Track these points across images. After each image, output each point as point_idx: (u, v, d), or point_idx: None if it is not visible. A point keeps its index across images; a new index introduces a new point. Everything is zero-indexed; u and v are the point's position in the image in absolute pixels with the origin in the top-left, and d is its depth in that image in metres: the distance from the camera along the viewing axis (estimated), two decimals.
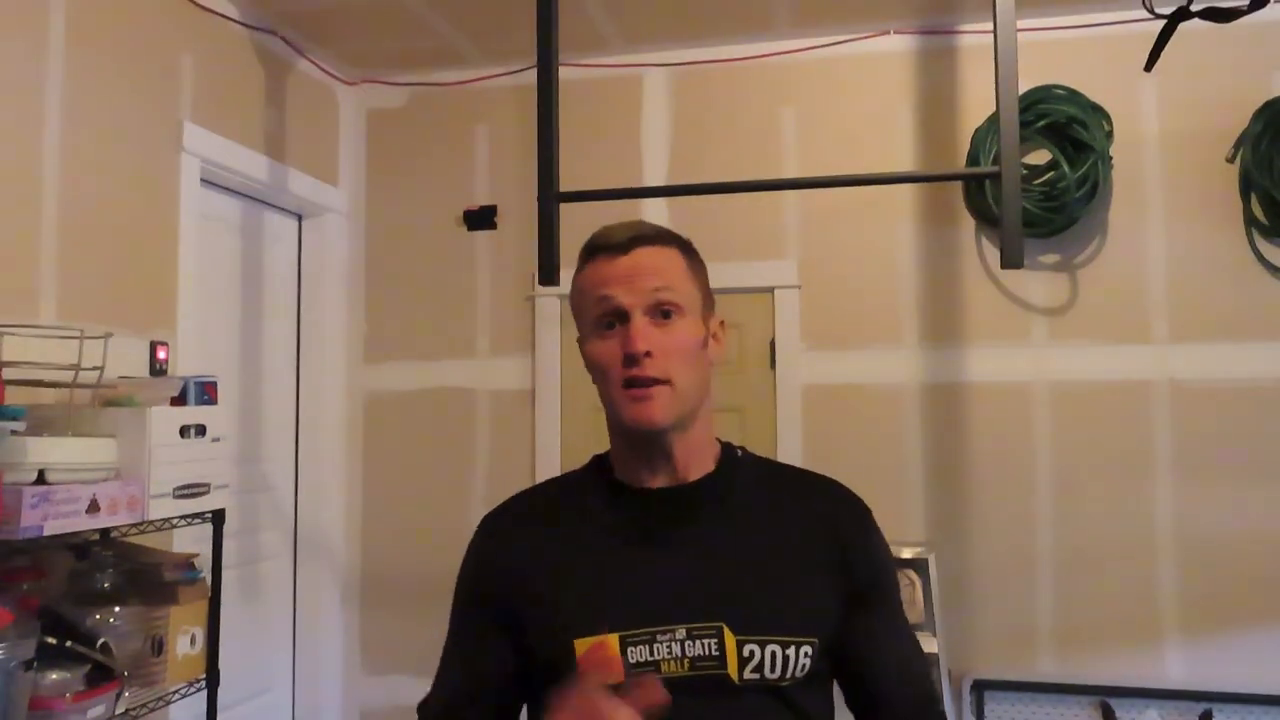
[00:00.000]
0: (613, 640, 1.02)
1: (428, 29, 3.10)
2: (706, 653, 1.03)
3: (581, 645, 1.02)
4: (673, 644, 1.03)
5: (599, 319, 1.17)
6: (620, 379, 1.11)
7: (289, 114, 3.14)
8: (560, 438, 3.28)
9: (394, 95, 3.51)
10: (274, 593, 3.21)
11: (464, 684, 1.14)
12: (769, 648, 1.03)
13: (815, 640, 1.06)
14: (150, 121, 2.53)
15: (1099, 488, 2.88)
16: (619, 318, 1.14)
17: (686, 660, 1.03)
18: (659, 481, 1.13)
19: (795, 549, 1.12)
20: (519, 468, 3.29)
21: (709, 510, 1.12)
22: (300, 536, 3.31)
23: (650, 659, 1.02)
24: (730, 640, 1.03)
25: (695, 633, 1.03)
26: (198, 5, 2.72)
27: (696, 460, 1.14)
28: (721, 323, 1.23)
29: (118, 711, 1.86)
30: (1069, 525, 2.89)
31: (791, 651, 1.04)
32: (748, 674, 1.03)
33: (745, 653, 1.03)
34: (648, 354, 1.08)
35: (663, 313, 1.13)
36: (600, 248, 1.20)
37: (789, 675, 1.04)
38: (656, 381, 1.08)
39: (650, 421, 1.08)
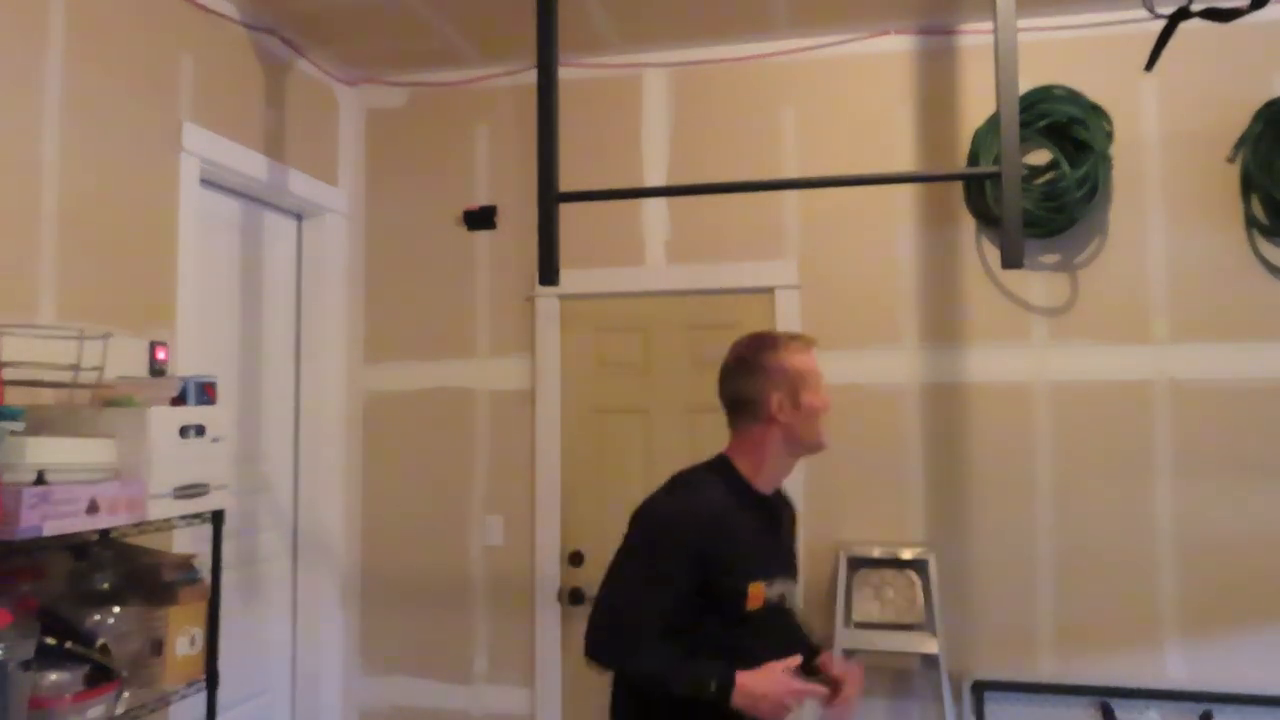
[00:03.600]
0: (762, 583, 1.75)
1: (428, 29, 3.10)
2: (787, 590, 1.85)
3: (750, 585, 1.73)
4: (777, 585, 1.81)
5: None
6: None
7: (289, 114, 3.14)
8: (560, 438, 3.28)
9: (394, 95, 3.51)
10: (274, 593, 3.21)
11: (659, 604, 1.73)
12: (797, 585, 1.93)
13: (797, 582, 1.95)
14: (150, 121, 2.53)
15: (1099, 488, 2.88)
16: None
17: (780, 594, 1.82)
18: (768, 490, 1.86)
19: (785, 525, 1.94)
20: (519, 468, 3.30)
21: (779, 509, 1.92)
22: (300, 536, 3.31)
23: (775, 591, 1.79)
24: (789, 581, 1.87)
25: (783, 579, 1.84)
26: (198, 5, 2.72)
27: None
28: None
29: (117, 712, 1.86)
30: (1069, 525, 2.89)
31: (796, 585, 1.92)
32: (790, 603, 1.87)
33: (793, 588, 1.87)
34: None
35: None
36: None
37: (789, 599, 1.88)
38: None
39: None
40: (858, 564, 2.88)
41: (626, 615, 1.75)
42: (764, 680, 1.64)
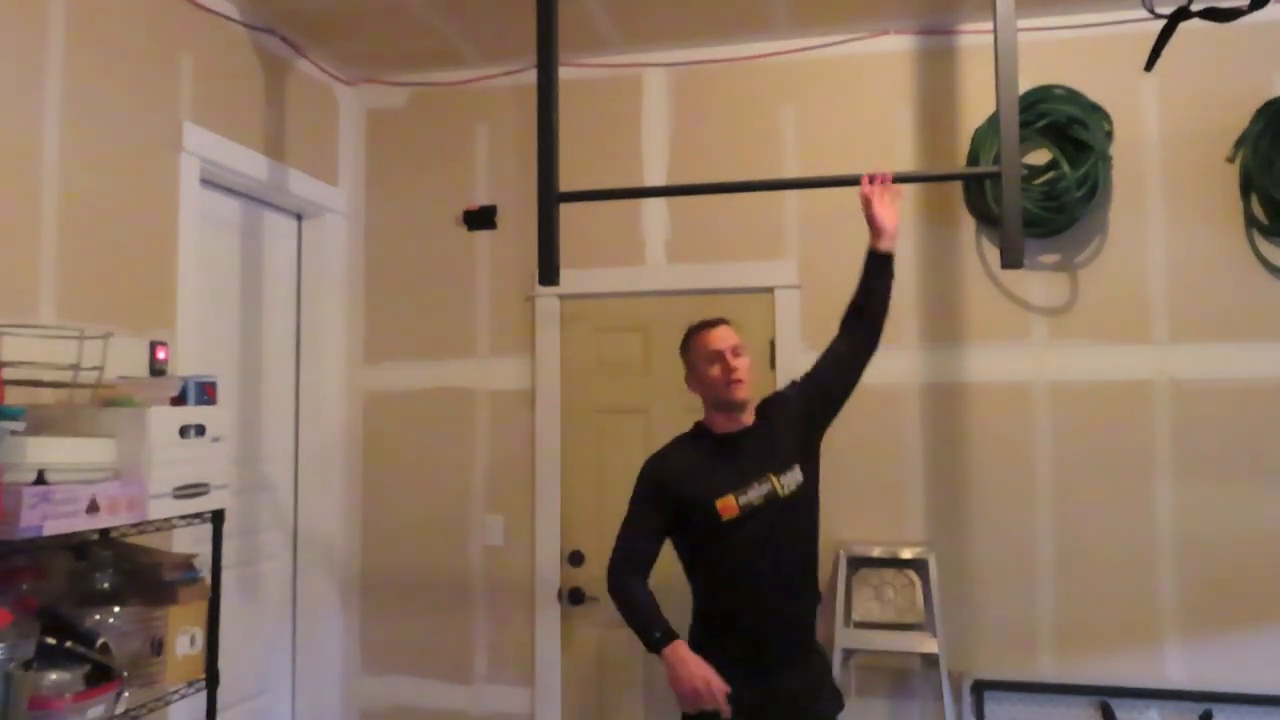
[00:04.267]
0: (731, 496, 2.13)
1: (428, 29, 3.10)
2: (772, 486, 2.17)
3: (718, 501, 2.13)
4: (752, 490, 2.16)
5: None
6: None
7: (289, 114, 3.15)
8: (560, 437, 3.28)
9: (394, 95, 3.51)
10: (274, 593, 3.21)
11: (639, 533, 2.20)
12: (784, 475, 2.18)
13: (796, 465, 2.20)
14: (150, 121, 2.53)
15: (1099, 488, 2.88)
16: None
17: (762, 495, 2.16)
18: (729, 429, 2.26)
19: (776, 432, 2.25)
20: (519, 467, 3.30)
21: (748, 435, 2.24)
22: (300, 536, 3.31)
23: (748, 499, 2.14)
24: (773, 478, 2.17)
25: (759, 482, 2.16)
26: (198, 5, 2.72)
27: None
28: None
29: (117, 711, 1.86)
30: (1069, 525, 2.89)
31: (789, 475, 2.18)
32: (785, 491, 2.17)
33: (780, 481, 2.17)
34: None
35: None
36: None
37: (794, 486, 2.18)
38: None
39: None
40: (858, 564, 2.89)
41: (616, 553, 2.23)
42: (691, 664, 2.04)
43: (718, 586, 2.20)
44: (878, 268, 2.28)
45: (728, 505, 2.13)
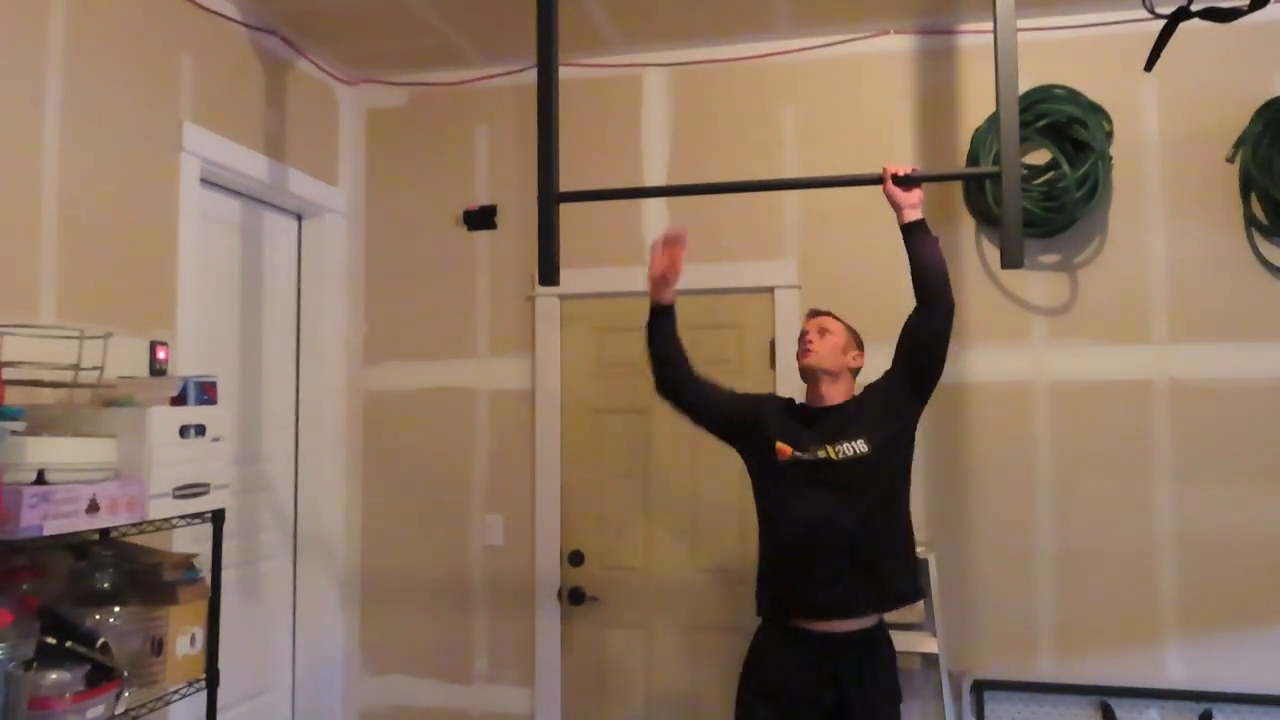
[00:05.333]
0: (789, 446, 2.30)
1: (428, 29, 3.10)
2: (826, 453, 2.28)
3: (778, 443, 2.31)
4: (808, 451, 2.29)
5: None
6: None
7: (289, 114, 3.15)
8: (560, 437, 3.28)
9: (394, 95, 3.51)
10: (274, 593, 3.21)
11: (720, 387, 2.49)
12: (842, 444, 2.28)
13: (862, 438, 2.28)
14: (150, 121, 2.53)
15: (1099, 488, 2.88)
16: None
17: (815, 458, 2.28)
18: (815, 404, 2.42)
19: (855, 411, 2.36)
20: (519, 467, 3.30)
21: (829, 414, 2.37)
22: (300, 536, 3.31)
23: (801, 455, 2.29)
24: (829, 447, 2.28)
25: (815, 447, 2.29)
26: (198, 5, 2.72)
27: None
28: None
29: (117, 711, 1.86)
30: (1069, 525, 2.89)
31: (848, 444, 2.27)
32: (837, 455, 2.27)
33: (834, 449, 2.28)
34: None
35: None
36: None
37: (851, 452, 2.27)
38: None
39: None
40: None
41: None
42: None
43: (772, 524, 2.34)
44: (909, 240, 2.31)
45: (783, 449, 2.30)
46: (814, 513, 2.25)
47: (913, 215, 2.30)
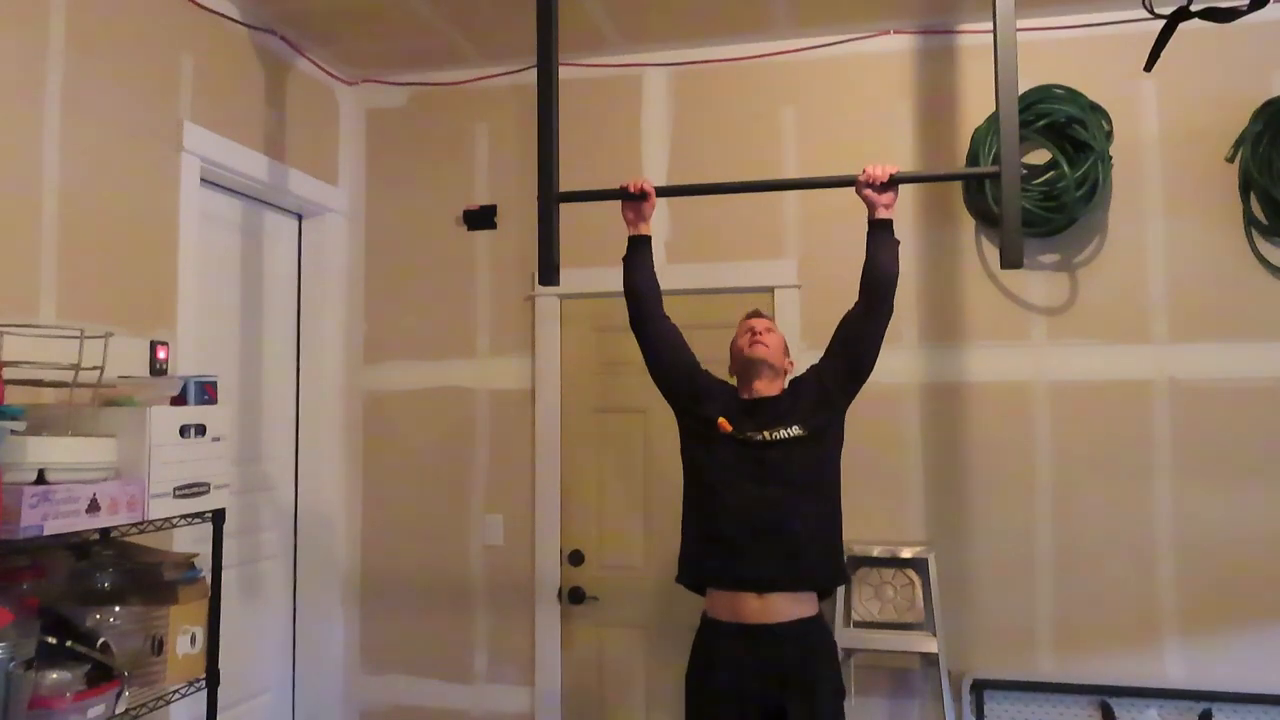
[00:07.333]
0: (728, 421, 2.34)
1: (428, 29, 3.10)
2: (760, 437, 2.33)
3: (720, 419, 2.35)
4: (746, 432, 2.33)
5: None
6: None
7: (289, 114, 3.15)
8: (560, 437, 3.28)
9: (394, 95, 3.51)
10: (274, 593, 3.21)
11: (690, 354, 2.51)
12: (778, 429, 2.33)
13: (795, 424, 2.33)
14: (150, 121, 2.53)
15: (1098, 487, 2.89)
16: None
17: (749, 435, 2.33)
18: (748, 396, 2.45)
19: (790, 403, 2.41)
20: (519, 467, 3.30)
21: (766, 405, 2.41)
22: (300, 536, 3.31)
23: (737, 432, 2.33)
24: (765, 432, 2.32)
25: (754, 432, 2.33)
26: (198, 5, 2.72)
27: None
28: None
29: (118, 711, 1.86)
30: (1069, 525, 2.90)
31: (783, 429, 2.33)
32: (771, 437, 2.32)
33: (769, 433, 2.32)
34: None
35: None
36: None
37: (785, 434, 2.32)
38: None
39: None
40: (857, 563, 2.89)
41: None
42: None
43: (701, 493, 2.38)
44: (874, 236, 2.36)
45: (724, 424, 2.35)
46: (744, 488, 2.30)
47: (884, 214, 2.36)
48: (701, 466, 2.39)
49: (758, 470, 2.31)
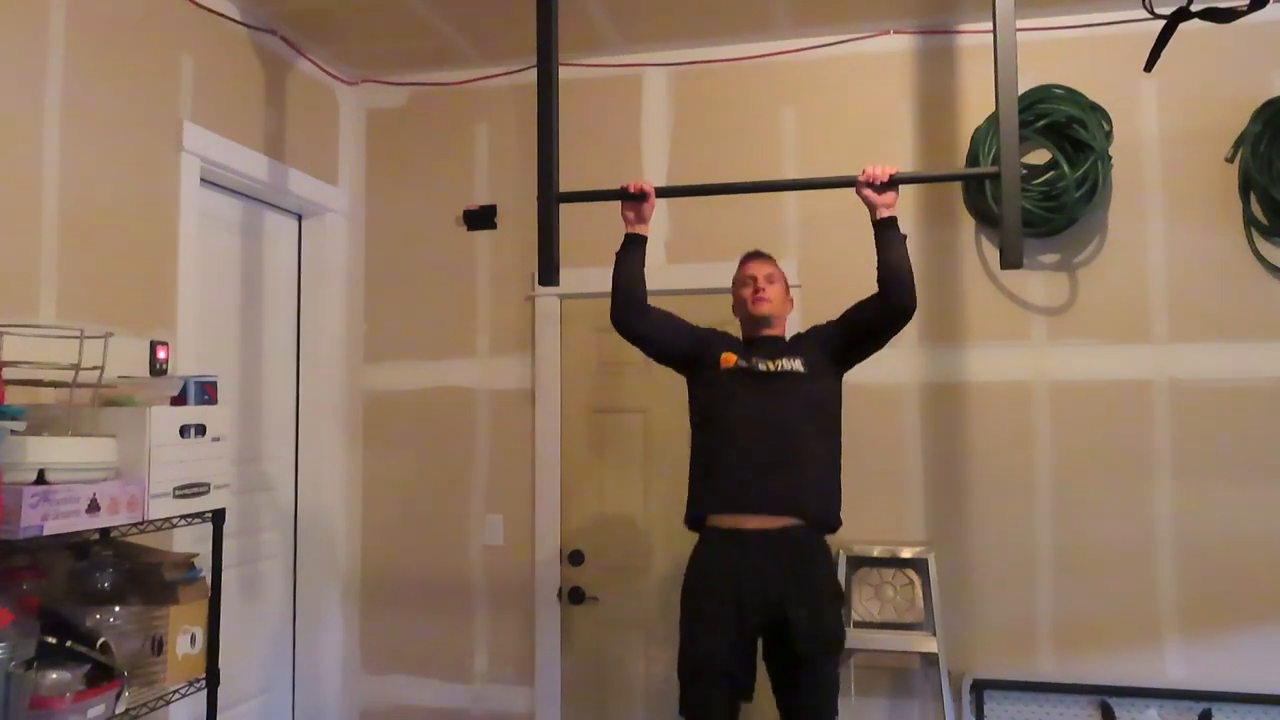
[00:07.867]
0: (733, 355, 2.45)
1: (428, 29, 3.10)
2: (764, 367, 2.41)
3: (723, 355, 2.45)
4: (754, 363, 2.42)
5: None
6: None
7: (289, 114, 3.15)
8: (560, 437, 3.28)
9: (394, 95, 3.51)
10: (274, 592, 3.21)
11: (681, 321, 2.56)
12: (781, 361, 2.41)
13: (798, 359, 2.42)
14: (150, 121, 2.53)
15: (1099, 488, 2.89)
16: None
17: (754, 362, 2.42)
18: (753, 335, 2.56)
19: (794, 345, 2.51)
20: (519, 467, 3.30)
21: (771, 344, 2.50)
22: (300, 536, 3.31)
23: (742, 362, 2.43)
24: (769, 363, 2.41)
25: (759, 362, 2.43)
26: (198, 5, 2.72)
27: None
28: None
29: (118, 711, 1.86)
30: (1069, 525, 2.90)
31: (786, 361, 2.41)
32: (775, 369, 2.41)
33: (774, 364, 2.42)
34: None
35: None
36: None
37: (788, 367, 2.41)
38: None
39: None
40: (857, 563, 2.89)
41: None
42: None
43: (708, 422, 2.45)
44: (881, 236, 2.37)
45: (728, 357, 2.44)
46: (750, 408, 2.38)
47: (886, 213, 2.37)
48: (708, 403, 2.45)
49: (761, 396, 2.37)
